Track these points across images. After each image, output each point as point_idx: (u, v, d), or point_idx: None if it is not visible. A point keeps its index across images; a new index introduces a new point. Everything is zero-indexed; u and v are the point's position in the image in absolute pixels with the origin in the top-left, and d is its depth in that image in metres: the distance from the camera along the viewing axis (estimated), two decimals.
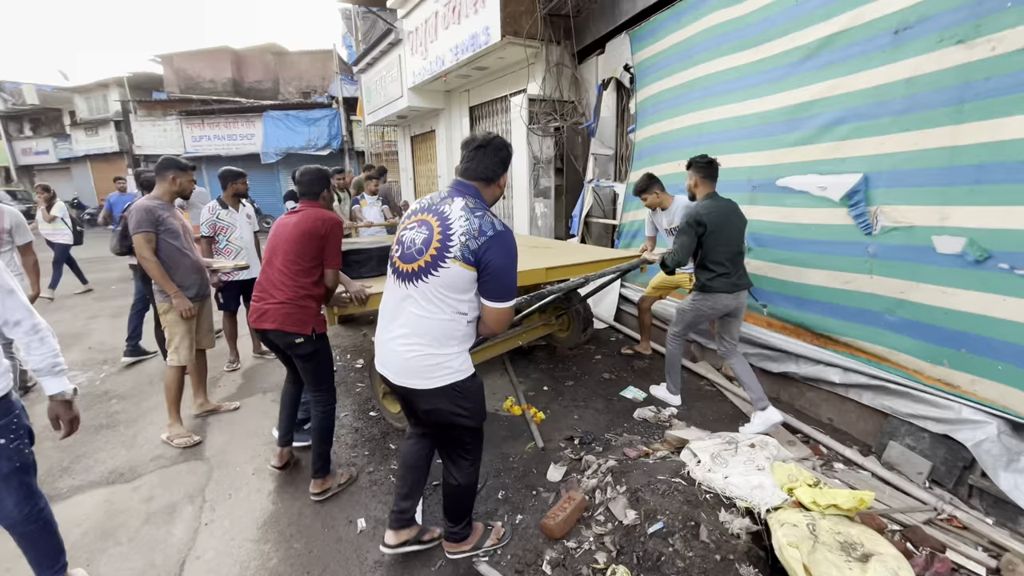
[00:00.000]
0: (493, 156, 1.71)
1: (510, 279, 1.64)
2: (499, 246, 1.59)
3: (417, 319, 1.67)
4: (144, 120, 17.01)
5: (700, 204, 2.99)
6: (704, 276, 2.99)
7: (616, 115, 5.87)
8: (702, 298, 3.03)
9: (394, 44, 9.21)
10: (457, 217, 1.62)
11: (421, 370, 1.69)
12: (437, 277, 1.61)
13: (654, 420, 3.12)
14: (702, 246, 2.94)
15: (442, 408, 1.74)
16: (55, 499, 2.57)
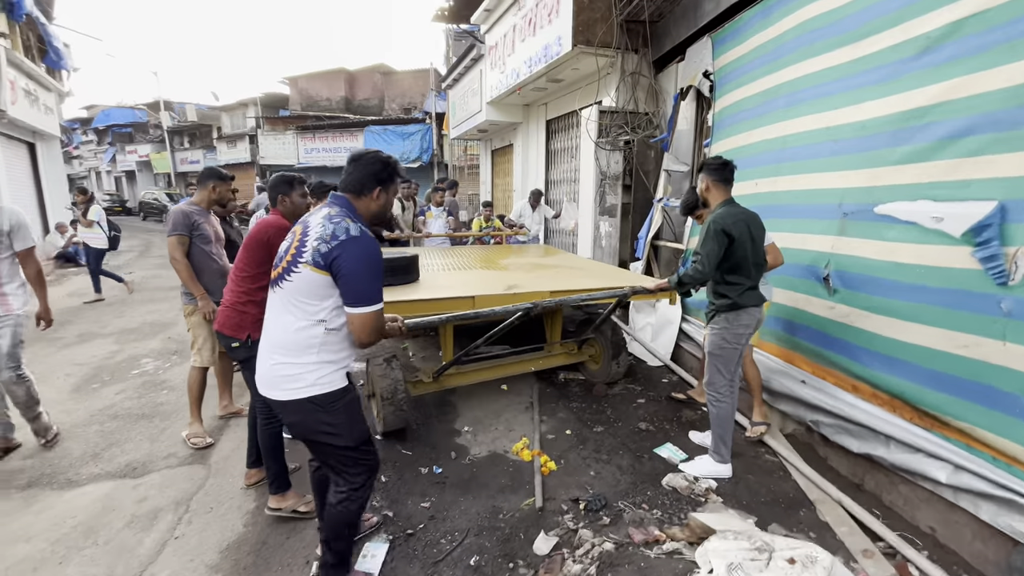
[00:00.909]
0: (363, 170, 1.72)
1: (365, 284, 1.59)
2: (351, 250, 1.56)
3: (274, 328, 1.68)
4: (268, 134, 19.23)
5: (721, 212, 2.60)
6: (732, 292, 2.61)
7: (694, 127, 5.27)
8: (735, 318, 2.63)
9: (476, 60, 9.33)
10: (316, 224, 1.63)
11: (277, 380, 1.66)
12: (291, 282, 1.62)
13: (686, 491, 2.57)
14: (727, 259, 2.56)
15: (300, 423, 1.71)
16: (73, 485, 2.71)
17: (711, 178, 2.71)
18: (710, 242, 2.54)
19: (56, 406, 3.70)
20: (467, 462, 2.89)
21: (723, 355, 2.66)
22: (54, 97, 11.04)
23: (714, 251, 2.54)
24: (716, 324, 2.68)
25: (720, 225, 2.53)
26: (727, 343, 2.64)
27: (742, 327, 2.64)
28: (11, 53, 8.55)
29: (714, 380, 2.70)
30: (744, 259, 2.59)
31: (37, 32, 10.58)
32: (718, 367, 2.68)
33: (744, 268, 2.61)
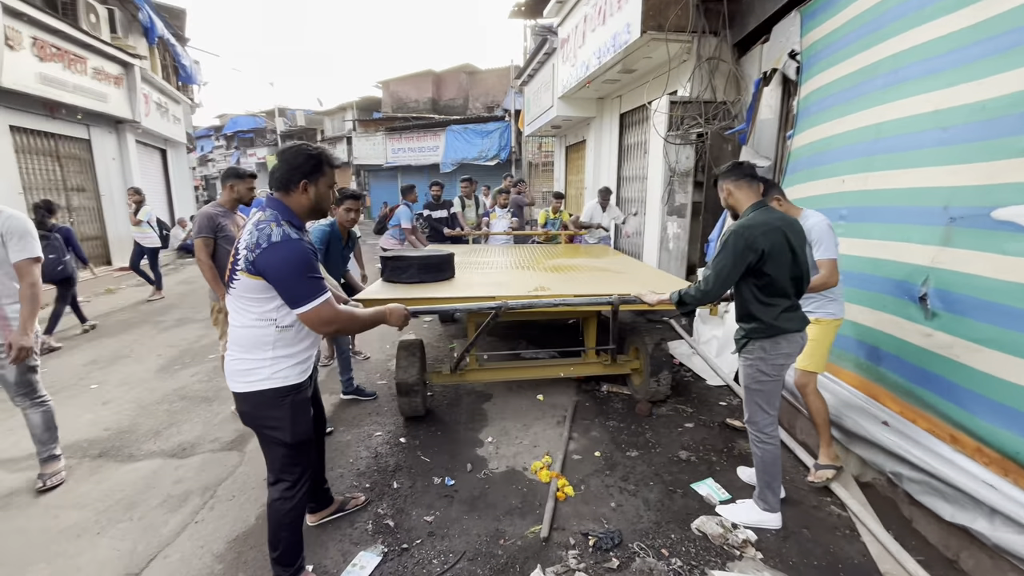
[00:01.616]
0: (284, 166, 1.72)
1: (295, 285, 1.63)
2: (271, 256, 1.60)
3: (232, 328, 1.76)
4: (361, 136, 20.54)
5: (748, 221, 2.12)
6: (767, 315, 2.15)
7: (778, 116, 4.65)
8: (773, 346, 2.18)
9: (549, 54, 9.11)
10: (247, 232, 1.67)
11: (234, 374, 1.76)
12: (235, 288, 1.70)
13: (718, 540, 2.21)
14: (756, 276, 2.12)
15: (249, 413, 1.79)
16: (131, 459, 3.00)
17: (731, 180, 2.27)
18: (725, 257, 2.11)
19: (141, 384, 4.17)
20: (481, 476, 2.76)
21: (763, 389, 2.24)
22: (182, 108, 12.66)
23: (727, 268, 2.11)
24: (750, 354, 2.24)
25: (744, 239, 2.07)
26: (766, 376, 2.22)
27: (782, 356, 2.20)
28: (145, 72, 9.91)
29: (755, 418, 2.29)
30: (780, 275, 2.12)
31: (169, 53, 12.18)
32: (759, 403, 2.27)
33: (780, 285, 2.14)
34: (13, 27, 6.41)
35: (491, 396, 3.82)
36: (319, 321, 1.69)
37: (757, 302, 2.17)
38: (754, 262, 2.08)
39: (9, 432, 3.35)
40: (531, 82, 11.00)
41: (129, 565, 2.13)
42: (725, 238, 2.15)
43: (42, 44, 7.02)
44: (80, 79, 7.92)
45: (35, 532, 2.34)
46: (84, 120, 8.51)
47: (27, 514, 2.48)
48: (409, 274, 3.45)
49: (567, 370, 3.65)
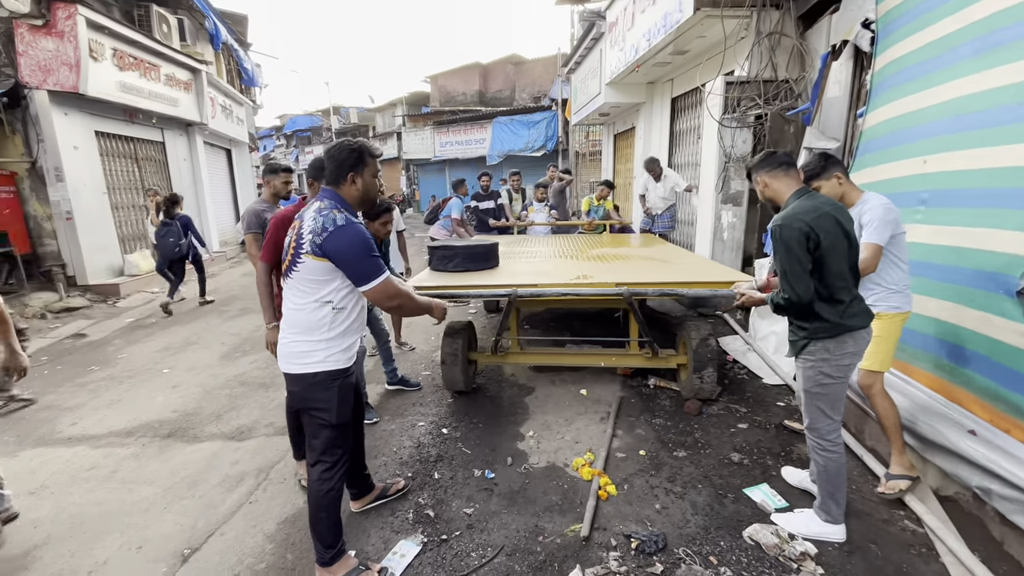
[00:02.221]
0: (331, 162, 1.85)
1: (361, 264, 1.77)
2: (338, 238, 1.73)
3: (289, 311, 1.87)
4: (410, 131, 20.95)
5: (791, 212, 1.94)
6: (832, 313, 1.95)
7: (849, 92, 4.27)
8: (838, 345, 1.97)
9: (597, 39, 8.85)
10: (309, 219, 1.79)
11: (291, 356, 1.86)
12: (298, 271, 1.80)
13: (773, 551, 2.06)
14: (817, 269, 1.91)
15: (299, 394, 1.90)
16: (195, 440, 3.21)
17: (765, 171, 2.09)
18: (788, 258, 1.89)
19: (206, 370, 4.46)
20: (522, 471, 2.72)
21: (827, 393, 2.04)
22: (245, 110, 13.38)
23: (798, 271, 1.88)
24: (811, 355, 2.03)
25: (794, 228, 1.86)
26: (830, 378, 2.01)
27: (848, 356, 1.98)
28: (211, 76, 10.54)
29: (817, 424, 2.09)
30: (840, 265, 1.92)
31: (233, 57, 12.89)
32: (822, 408, 2.06)
33: (842, 278, 1.93)
34: (96, 40, 6.98)
35: (533, 389, 3.78)
36: (384, 296, 1.83)
37: (819, 299, 1.94)
38: (813, 250, 1.88)
39: (93, 411, 3.68)
40: (578, 69, 10.76)
41: (191, 539, 2.27)
42: (772, 240, 1.95)
43: (121, 54, 7.60)
44: (155, 86, 8.53)
45: (112, 504, 2.55)
46: (158, 124, 9.18)
47: (106, 487, 2.71)
48: (455, 263, 3.60)
49: (608, 360, 3.60)
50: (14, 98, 6.68)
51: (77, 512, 2.50)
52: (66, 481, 2.78)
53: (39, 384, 4.26)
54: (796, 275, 1.89)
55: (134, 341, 5.42)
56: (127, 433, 3.32)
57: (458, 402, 3.61)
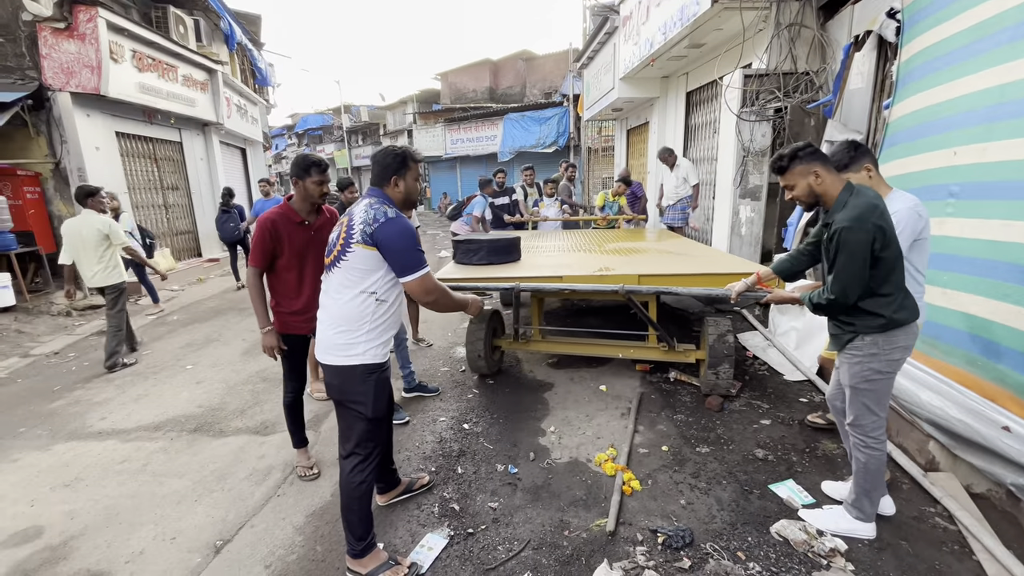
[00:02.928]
0: (377, 166, 1.99)
1: (405, 254, 1.86)
2: (389, 229, 1.83)
3: (333, 303, 1.93)
4: (422, 128, 21.00)
5: (859, 208, 1.84)
6: (887, 308, 1.91)
7: (872, 84, 4.19)
8: (889, 340, 1.93)
9: (611, 33, 8.79)
10: (359, 211, 1.90)
11: (332, 347, 1.93)
12: (347, 261, 1.88)
13: (802, 547, 2.05)
14: (877, 266, 1.86)
15: (337, 386, 1.95)
16: (221, 434, 3.26)
17: (820, 163, 1.95)
18: (850, 263, 1.83)
19: (228, 366, 4.53)
20: (544, 466, 2.73)
21: (875, 389, 1.99)
22: (259, 109, 13.52)
23: (857, 276, 1.84)
24: (859, 350, 1.98)
25: (865, 234, 1.79)
26: (879, 374, 1.96)
27: (899, 350, 1.94)
28: (226, 76, 10.66)
29: (862, 420, 2.05)
30: (898, 261, 1.88)
31: (247, 57, 13.01)
32: (868, 405, 2.02)
33: (899, 273, 1.90)
34: (116, 42, 7.10)
35: (552, 385, 3.79)
36: (423, 290, 1.90)
37: (874, 294, 1.89)
38: (877, 250, 1.83)
39: (121, 406, 3.76)
40: (591, 64, 10.70)
41: (222, 531, 2.32)
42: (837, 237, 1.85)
43: (140, 56, 7.72)
44: (172, 86, 8.65)
45: (144, 496, 2.61)
46: (176, 124, 9.32)
47: (138, 480, 2.77)
48: (479, 256, 3.70)
49: (626, 352, 3.64)
50: (38, 100, 6.82)
51: (111, 504, 2.56)
52: (99, 474, 2.85)
53: (67, 380, 4.37)
54: (853, 278, 1.84)
55: (157, 338, 5.52)
56: (155, 427, 3.39)
57: (478, 397, 3.63)
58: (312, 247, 2.48)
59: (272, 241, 2.40)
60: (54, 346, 5.36)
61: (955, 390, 2.50)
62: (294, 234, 2.44)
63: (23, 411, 3.75)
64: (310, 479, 2.69)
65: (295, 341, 2.58)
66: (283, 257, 2.45)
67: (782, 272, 2.41)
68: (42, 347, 5.33)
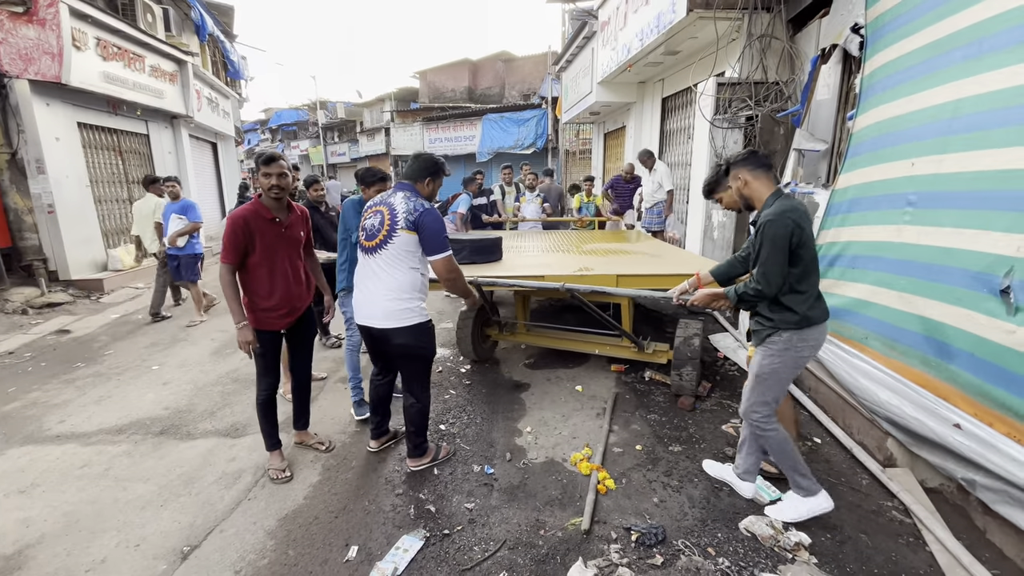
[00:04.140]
0: (417, 165, 2.46)
1: (437, 237, 2.34)
2: (427, 216, 2.32)
3: (386, 277, 2.38)
4: (399, 127, 20.79)
5: (780, 208, 2.04)
6: (801, 305, 2.08)
7: (837, 96, 4.37)
8: (800, 338, 2.10)
9: (589, 38, 8.89)
10: (400, 202, 2.36)
11: (395, 314, 2.39)
12: (394, 244, 2.34)
13: (768, 542, 2.12)
14: (795, 264, 2.04)
15: (407, 344, 2.46)
16: (189, 437, 3.17)
17: (749, 168, 2.16)
18: (773, 252, 2.00)
19: (196, 367, 4.40)
20: (521, 466, 2.75)
21: (779, 381, 2.18)
22: (231, 103, 13.16)
23: (778, 265, 2.01)
24: (773, 345, 2.14)
25: (784, 227, 1.98)
26: (787, 368, 2.15)
27: (808, 349, 2.13)
28: (197, 68, 10.34)
29: (758, 409, 2.21)
30: (813, 261, 2.08)
31: (219, 49, 12.65)
32: (766, 395, 2.20)
33: (814, 272, 2.10)
34: (79, 28, 6.80)
35: (529, 386, 3.81)
36: (446, 269, 2.37)
37: (792, 291, 2.07)
38: (795, 245, 2.00)
39: (81, 408, 3.61)
40: (569, 68, 10.80)
41: (190, 537, 2.26)
42: (761, 233, 2.03)
43: (105, 44, 7.42)
44: (139, 76, 8.34)
45: (106, 502, 2.52)
46: (143, 116, 8.98)
47: (99, 485, 2.67)
48: (463, 256, 3.71)
49: (602, 348, 3.81)
50: None
51: (71, 510, 2.46)
52: (57, 479, 2.73)
53: (23, 381, 4.17)
54: (775, 267, 2.01)
55: (120, 337, 5.32)
56: (118, 431, 3.27)
57: (455, 398, 3.62)
58: (282, 243, 2.54)
59: (244, 237, 2.41)
60: (8, 345, 5.10)
61: (911, 389, 2.63)
62: (265, 230, 2.47)
63: None
64: (282, 482, 2.64)
65: (269, 337, 2.56)
66: (255, 254, 2.46)
67: (719, 276, 2.53)
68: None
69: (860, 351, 3.08)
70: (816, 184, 4.35)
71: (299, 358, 2.84)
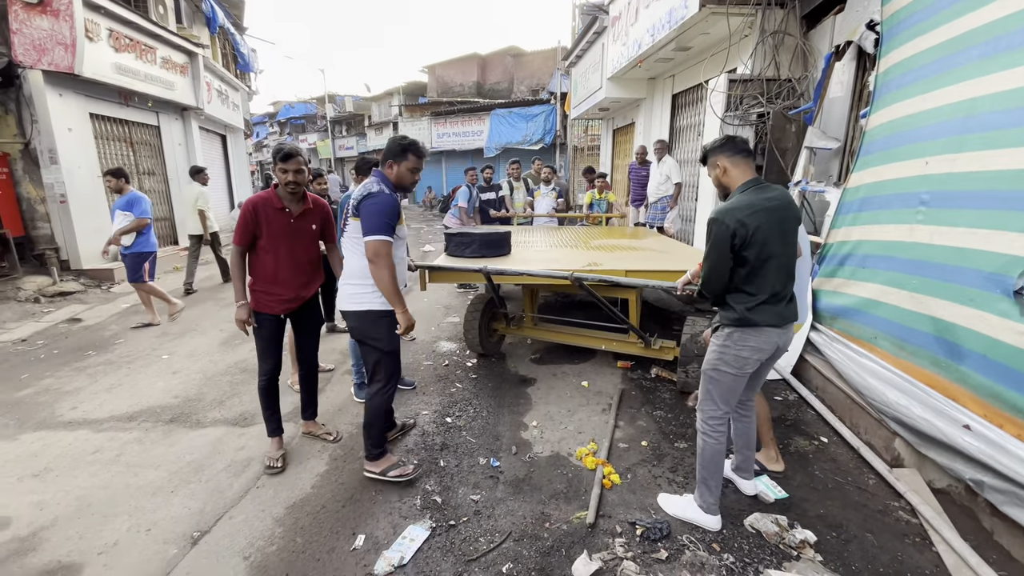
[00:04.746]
0: (385, 149, 2.41)
1: (371, 219, 2.23)
2: (368, 199, 2.25)
3: (348, 262, 2.42)
4: (407, 121, 20.79)
5: (732, 202, 1.97)
6: (740, 303, 2.00)
7: (851, 93, 4.32)
8: (741, 337, 2.03)
9: (599, 33, 8.83)
10: (358, 189, 2.35)
11: (348, 297, 2.40)
12: (348, 230, 2.38)
13: (774, 539, 2.12)
14: (738, 263, 1.96)
15: (358, 328, 2.43)
16: (198, 425, 3.21)
17: (727, 155, 2.05)
18: (711, 252, 1.97)
19: (206, 356, 4.44)
20: (526, 459, 2.76)
21: (720, 380, 2.12)
22: (241, 96, 13.20)
23: (716, 265, 1.96)
24: (717, 339, 2.12)
25: (723, 224, 1.90)
26: (727, 366, 2.08)
27: (747, 350, 2.04)
28: (207, 60, 10.38)
29: (705, 406, 2.17)
30: (763, 262, 1.94)
31: (229, 41, 12.69)
32: (712, 394, 2.15)
33: (763, 275, 1.96)
34: (92, 19, 6.85)
35: (535, 381, 3.82)
36: (372, 252, 2.22)
37: (736, 290, 2.02)
38: (738, 246, 1.91)
39: (93, 395, 3.66)
40: (579, 63, 10.74)
41: (199, 522, 2.29)
42: (708, 229, 1.99)
43: (117, 35, 7.47)
44: (150, 68, 8.38)
45: (118, 487, 2.56)
46: (154, 107, 9.04)
47: (111, 471, 2.71)
48: (472, 249, 3.72)
49: (609, 344, 3.79)
50: (7, 78, 6.54)
51: (83, 495, 2.50)
52: (69, 464, 2.77)
53: (36, 368, 4.23)
54: (712, 268, 1.99)
55: (131, 326, 5.38)
56: (129, 418, 3.31)
57: (461, 392, 3.64)
58: (289, 233, 2.61)
59: (252, 223, 2.53)
60: (20, 333, 5.18)
61: (920, 390, 2.61)
62: (273, 219, 2.56)
63: None
64: (273, 472, 2.65)
65: (267, 320, 2.64)
66: (262, 239, 2.57)
67: None
68: (8, 334, 5.15)
69: (869, 351, 3.07)
70: (828, 182, 4.31)
71: (305, 346, 2.88)
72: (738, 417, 2.36)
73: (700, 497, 2.21)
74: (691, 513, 2.23)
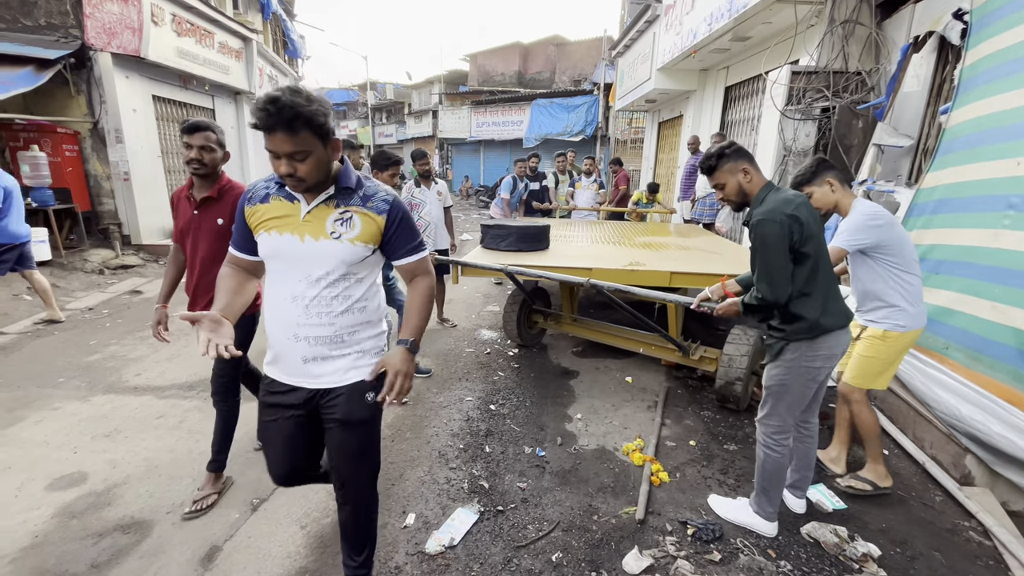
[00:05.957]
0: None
1: None
2: None
3: None
4: (447, 109, 20.89)
5: (772, 201, 1.82)
6: (810, 310, 1.85)
7: (929, 88, 4.05)
8: (810, 348, 1.89)
9: (651, 22, 8.58)
10: None
11: None
12: None
13: (834, 550, 2.04)
14: (798, 262, 1.81)
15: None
16: (252, 399, 3.32)
17: (746, 160, 1.91)
18: (770, 255, 1.78)
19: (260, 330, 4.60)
20: (572, 451, 2.75)
21: (791, 392, 1.97)
22: (288, 81, 13.52)
23: (779, 267, 1.78)
24: (784, 359, 1.94)
25: (775, 225, 1.75)
26: (799, 379, 1.93)
27: (820, 359, 1.90)
28: (260, 45, 10.66)
29: (770, 420, 2.04)
30: (821, 258, 1.84)
31: (280, 27, 13.00)
32: (778, 408, 2.01)
33: (822, 271, 1.85)
34: (157, 4, 7.13)
35: (577, 374, 3.80)
36: None
37: (800, 295, 1.84)
38: (796, 244, 1.77)
39: (155, 364, 3.86)
40: (627, 53, 10.49)
41: (258, 491, 2.39)
42: (753, 234, 1.82)
43: (179, 20, 7.76)
44: (208, 52, 8.69)
45: (182, 452, 2.69)
46: (210, 91, 9.37)
47: (174, 435, 2.85)
48: (508, 242, 3.64)
49: (647, 348, 3.66)
50: (80, 59, 6.89)
51: (150, 456, 2.64)
52: (137, 427, 2.94)
53: (102, 335, 4.49)
54: (777, 271, 1.79)
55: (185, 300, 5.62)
56: (189, 387, 3.48)
57: (504, 380, 3.65)
58: (193, 228, 2.16)
59: (173, 210, 2.24)
60: (88, 302, 5.50)
61: (998, 406, 2.45)
62: (181, 208, 2.22)
63: (62, 362, 3.87)
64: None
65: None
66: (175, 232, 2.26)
67: (742, 283, 2.27)
68: (76, 302, 5.48)
69: (939, 361, 2.90)
70: (897, 182, 4.08)
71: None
72: (800, 438, 2.20)
73: (758, 504, 2.13)
74: (745, 517, 2.17)
